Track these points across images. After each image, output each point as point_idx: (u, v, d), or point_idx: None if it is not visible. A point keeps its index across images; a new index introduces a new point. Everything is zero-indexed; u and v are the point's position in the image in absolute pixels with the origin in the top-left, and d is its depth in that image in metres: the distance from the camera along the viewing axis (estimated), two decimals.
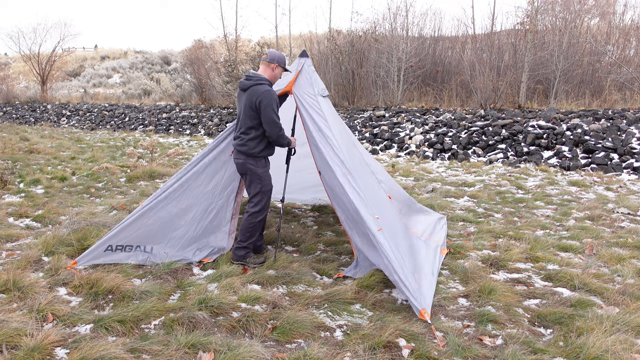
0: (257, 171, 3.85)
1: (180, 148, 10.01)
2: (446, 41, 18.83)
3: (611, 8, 16.37)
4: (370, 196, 3.72)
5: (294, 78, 4.05)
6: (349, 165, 3.72)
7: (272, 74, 3.88)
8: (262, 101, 3.65)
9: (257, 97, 3.67)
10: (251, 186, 3.91)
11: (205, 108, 19.26)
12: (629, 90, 13.53)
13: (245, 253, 3.98)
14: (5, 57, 37.44)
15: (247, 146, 3.79)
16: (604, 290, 3.53)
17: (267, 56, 3.85)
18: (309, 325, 2.94)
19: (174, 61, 32.06)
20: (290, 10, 38.69)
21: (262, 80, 3.75)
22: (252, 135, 3.78)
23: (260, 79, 3.76)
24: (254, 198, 3.92)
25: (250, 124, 3.76)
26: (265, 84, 3.74)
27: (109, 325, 2.83)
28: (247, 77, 3.81)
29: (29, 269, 3.72)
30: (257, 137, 3.80)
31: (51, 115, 22.17)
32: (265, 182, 3.90)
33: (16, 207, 5.63)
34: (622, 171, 8.60)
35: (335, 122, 4.20)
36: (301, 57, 4.23)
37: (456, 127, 12.11)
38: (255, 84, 3.73)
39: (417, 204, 5.23)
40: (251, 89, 3.72)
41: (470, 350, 2.69)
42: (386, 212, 3.81)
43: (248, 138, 3.79)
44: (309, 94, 4.02)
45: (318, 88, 4.12)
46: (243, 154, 3.83)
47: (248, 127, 3.78)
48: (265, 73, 3.86)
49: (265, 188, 3.91)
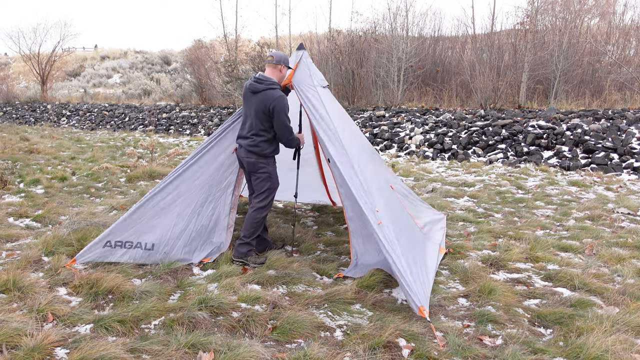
0: (268, 169, 3.97)
1: (180, 148, 10.01)
2: (446, 41, 18.83)
3: (611, 8, 16.37)
4: (373, 186, 3.73)
5: (293, 70, 4.06)
6: (353, 154, 3.76)
7: (280, 75, 3.93)
8: (276, 107, 3.74)
9: (270, 102, 3.74)
10: (261, 184, 4.00)
11: (205, 108, 19.26)
12: (629, 90, 13.54)
13: (248, 250, 3.99)
14: (5, 57, 37.44)
15: (259, 147, 3.88)
16: (604, 290, 3.53)
17: (272, 58, 3.88)
18: (309, 325, 2.94)
19: (174, 61, 32.06)
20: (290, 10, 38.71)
21: (273, 85, 3.81)
22: (265, 137, 3.88)
23: (271, 83, 3.81)
24: (261, 194, 4.01)
25: (262, 127, 3.85)
26: (277, 88, 3.81)
27: (109, 325, 2.83)
28: (257, 80, 3.84)
29: (29, 269, 3.72)
30: (269, 139, 3.91)
31: (51, 115, 22.18)
32: (274, 180, 4.04)
33: (16, 207, 5.63)
34: (622, 171, 8.60)
35: (337, 112, 4.22)
36: (298, 50, 4.24)
37: (456, 127, 12.12)
38: (267, 88, 3.78)
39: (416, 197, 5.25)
40: (264, 94, 3.78)
41: (470, 350, 2.69)
42: (388, 202, 3.82)
43: (260, 140, 3.88)
44: (308, 85, 4.03)
45: (317, 79, 4.14)
46: (255, 154, 3.91)
47: (260, 129, 3.86)
48: (273, 75, 3.90)
49: (274, 185, 4.04)
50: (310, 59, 4.26)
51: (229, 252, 4.11)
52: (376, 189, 3.76)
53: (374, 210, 3.46)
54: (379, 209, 3.50)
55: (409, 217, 4.20)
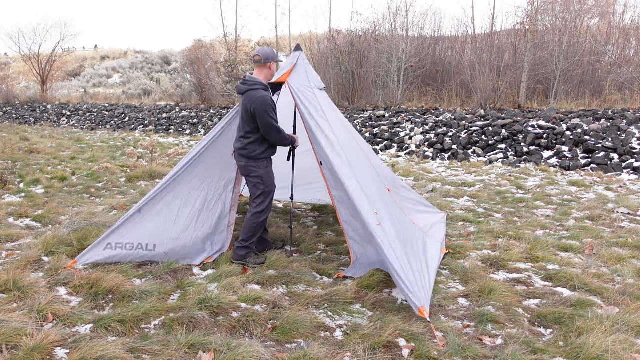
0: (259, 173, 3.89)
1: (180, 148, 10.01)
2: (446, 41, 18.82)
3: (611, 8, 16.38)
4: (370, 188, 3.71)
5: (289, 71, 4.03)
6: (349, 157, 3.72)
7: (269, 72, 3.89)
8: (257, 108, 3.67)
9: (251, 103, 3.68)
10: (254, 188, 3.96)
11: (205, 108, 19.26)
12: (629, 90, 13.53)
13: (246, 253, 3.98)
14: (5, 57, 37.43)
15: (247, 149, 3.83)
16: (604, 290, 3.53)
17: (260, 57, 3.82)
18: (309, 325, 2.94)
19: (174, 61, 32.06)
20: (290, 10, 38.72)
21: (256, 85, 3.75)
22: (252, 139, 3.82)
23: (254, 83, 3.75)
24: (257, 199, 3.96)
25: (248, 129, 3.80)
26: (260, 88, 3.74)
27: (109, 325, 2.83)
28: (243, 82, 3.82)
29: (29, 269, 3.72)
30: (257, 141, 3.83)
31: (51, 115, 22.17)
32: (267, 183, 3.94)
33: (16, 207, 5.63)
34: (622, 171, 8.60)
35: (334, 115, 4.19)
36: (295, 51, 4.23)
37: (456, 127, 12.11)
38: (249, 89, 3.74)
39: (418, 197, 5.22)
40: (247, 95, 3.74)
41: (470, 350, 2.69)
42: (386, 205, 3.81)
43: (248, 142, 3.82)
44: (305, 86, 4.00)
45: (314, 81, 4.11)
46: (245, 157, 3.86)
47: (247, 131, 3.82)
48: (261, 75, 3.87)
49: (268, 189, 3.96)
50: (307, 61, 4.24)
51: (229, 252, 4.11)
52: (375, 190, 3.75)
53: (373, 211, 3.45)
54: (378, 211, 3.49)
55: (408, 217, 4.20)
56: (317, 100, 3.94)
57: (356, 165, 3.77)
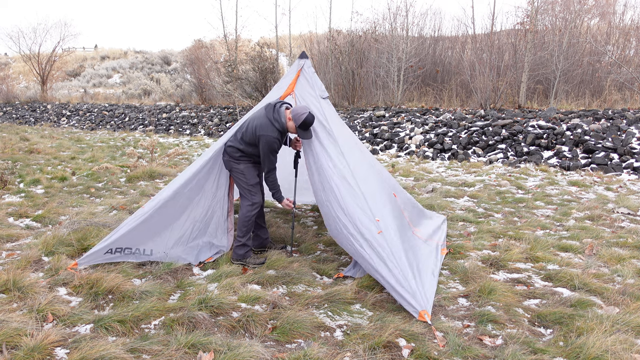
0: (238, 167, 4.02)
1: (180, 148, 10.01)
2: (446, 41, 18.83)
3: (611, 8, 16.38)
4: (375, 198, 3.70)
5: (294, 79, 4.05)
6: (353, 167, 3.73)
7: (290, 123, 3.87)
8: (260, 138, 3.79)
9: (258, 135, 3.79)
10: (237, 182, 4.08)
11: (205, 108, 19.26)
12: (629, 90, 13.54)
13: (245, 252, 3.99)
14: (5, 57, 37.42)
15: (231, 148, 4.00)
16: (604, 290, 3.53)
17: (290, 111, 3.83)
18: (309, 325, 2.94)
19: (174, 61, 32.06)
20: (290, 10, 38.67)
21: (276, 121, 3.79)
22: (243, 146, 3.96)
23: (275, 120, 3.79)
24: (243, 193, 4.08)
25: (247, 140, 3.92)
26: (276, 127, 3.79)
27: (109, 325, 2.83)
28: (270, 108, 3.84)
29: (29, 269, 3.72)
30: (242, 151, 3.98)
31: (51, 115, 22.17)
32: (248, 177, 4.04)
33: (16, 207, 5.63)
34: (622, 171, 8.60)
35: (338, 124, 4.20)
36: (300, 59, 4.22)
37: (456, 127, 12.11)
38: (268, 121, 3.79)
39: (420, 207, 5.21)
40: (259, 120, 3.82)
41: (470, 350, 2.69)
42: (389, 214, 3.79)
43: (237, 146, 3.96)
44: (310, 95, 4.03)
45: (318, 90, 4.12)
46: (227, 154, 4.03)
47: (242, 139, 3.94)
48: (286, 118, 3.85)
49: (250, 182, 4.05)
50: (312, 69, 4.25)
51: (229, 252, 4.12)
52: (379, 198, 3.75)
53: (374, 219, 3.44)
54: (380, 218, 3.48)
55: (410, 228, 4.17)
56: (322, 110, 3.99)
57: (361, 175, 3.78)
